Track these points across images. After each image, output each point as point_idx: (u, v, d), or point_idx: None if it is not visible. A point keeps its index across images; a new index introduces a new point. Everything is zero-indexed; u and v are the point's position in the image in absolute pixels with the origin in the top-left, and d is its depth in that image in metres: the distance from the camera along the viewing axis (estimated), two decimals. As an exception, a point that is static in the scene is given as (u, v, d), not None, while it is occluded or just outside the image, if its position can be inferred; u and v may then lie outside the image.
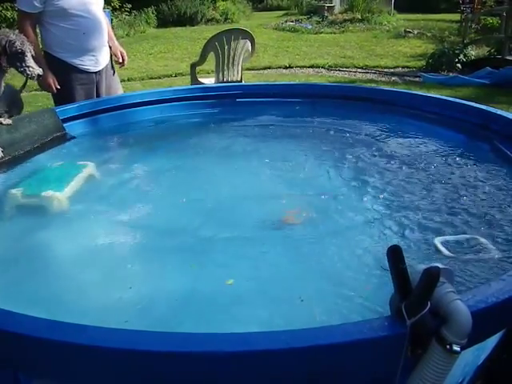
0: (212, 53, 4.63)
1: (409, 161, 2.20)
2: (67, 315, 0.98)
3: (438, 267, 0.82)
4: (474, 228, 1.58)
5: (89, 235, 1.71)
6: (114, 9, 13.09)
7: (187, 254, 1.55)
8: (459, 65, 7.62)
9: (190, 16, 15.25)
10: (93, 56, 2.87)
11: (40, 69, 2.13)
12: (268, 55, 9.72)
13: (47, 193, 1.81)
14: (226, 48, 4.58)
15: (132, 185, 2.13)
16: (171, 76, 8.04)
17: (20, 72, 2.11)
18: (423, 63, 8.25)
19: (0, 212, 1.83)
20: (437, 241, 1.46)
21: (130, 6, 13.88)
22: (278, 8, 20.41)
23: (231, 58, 4.66)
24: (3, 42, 2.00)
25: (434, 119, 2.61)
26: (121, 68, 3.24)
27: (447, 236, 1.51)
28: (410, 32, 11.42)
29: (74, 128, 2.60)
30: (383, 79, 7.52)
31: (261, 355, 0.83)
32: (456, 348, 0.82)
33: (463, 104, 2.53)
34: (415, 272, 0.86)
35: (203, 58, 4.73)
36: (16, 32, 2.13)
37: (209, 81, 4.92)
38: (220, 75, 4.72)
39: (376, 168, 2.14)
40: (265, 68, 8.57)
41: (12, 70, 2.13)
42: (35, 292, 1.37)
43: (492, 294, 0.92)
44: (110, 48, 3.07)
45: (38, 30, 2.82)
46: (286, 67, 8.62)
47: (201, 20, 15.46)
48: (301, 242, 1.58)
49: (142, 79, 7.84)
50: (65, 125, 2.54)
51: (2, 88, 2.15)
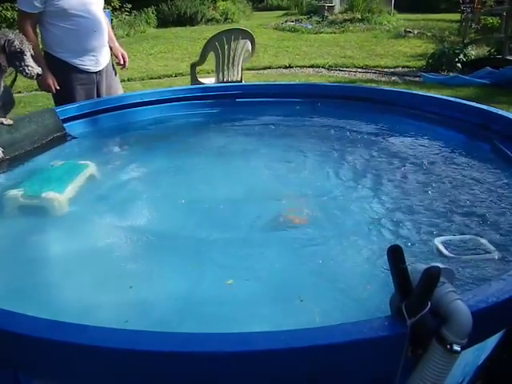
0: (212, 53, 4.63)
1: (409, 161, 2.20)
2: (67, 315, 0.98)
3: (439, 267, 0.82)
4: (474, 228, 1.58)
5: (89, 235, 1.71)
6: (114, 9, 13.08)
7: (187, 254, 1.55)
8: (459, 65, 7.61)
9: (190, 16, 15.25)
10: (93, 56, 2.87)
11: (39, 68, 2.13)
12: (268, 55, 9.71)
13: (47, 194, 1.80)
14: (226, 48, 4.57)
15: (132, 185, 2.13)
16: (171, 76, 8.03)
17: (19, 71, 2.11)
18: (423, 63, 8.25)
19: (0, 213, 1.83)
20: (437, 241, 1.46)
21: (130, 6, 13.87)
22: (278, 8, 20.43)
23: (231, 58, 4.66)
24: (2, 42, 2.00)
25: (435, 119, 2.61)
26: (122, 69, 3.24)
27: (447, 236, 1.51)
28: (410, 32, 11.41)
29: (75, 128, 2.60)
30: (383, 79, 7.51)
31: (261, 355, 0.83)
32: (456, 348, 0.82)
33: (463, 104, 2.53)
34: (415, 272, 0.86)
35: (203, 58, 4.73)
36: (15, 31, 2.13)
37: (209, 81, 4.92)
38: (220, 75, 4.72)
39: (376, 168, 2.14)
40: (265, 68, 8.56)
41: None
42: (35, 292, 1.37)
43: (492, 294, 0.92)
44: (111, 49, 3.08)
45: (38, 30, 2.82)
46: (286, 67, 8.61)
47: (201, 20, 15.46)
48: (301, 242, 1.58)
49: (142, 79, 7.82)
50: (65, 125, 2.54)
51: (2, 88, 2.15)
